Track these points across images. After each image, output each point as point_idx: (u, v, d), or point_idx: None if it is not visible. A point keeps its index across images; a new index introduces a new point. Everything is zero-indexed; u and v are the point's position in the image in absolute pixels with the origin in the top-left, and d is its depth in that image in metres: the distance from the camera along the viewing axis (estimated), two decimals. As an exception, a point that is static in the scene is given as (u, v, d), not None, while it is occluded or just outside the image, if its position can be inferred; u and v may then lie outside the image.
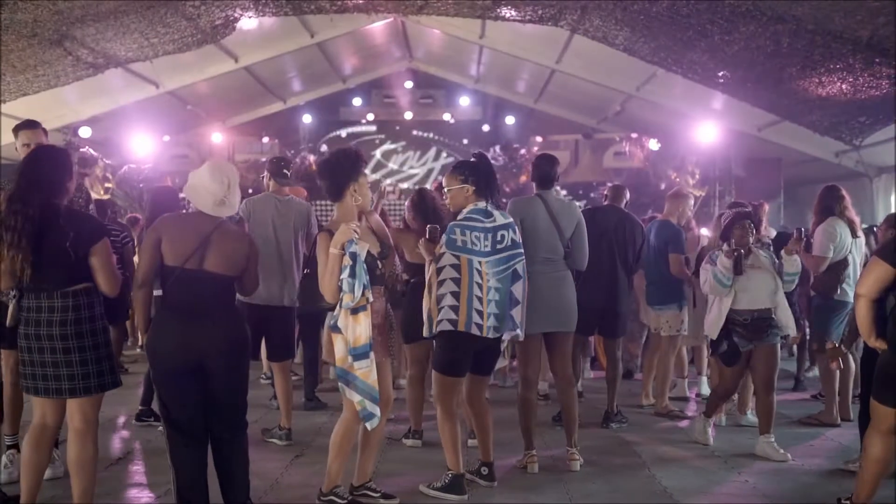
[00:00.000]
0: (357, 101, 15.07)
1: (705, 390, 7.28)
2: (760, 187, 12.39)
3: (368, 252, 4.29)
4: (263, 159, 14.43)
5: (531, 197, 5.49)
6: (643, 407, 7.16)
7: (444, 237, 4.69)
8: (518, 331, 4.79)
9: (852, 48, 8.14)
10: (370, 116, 15.10)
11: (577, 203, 12.48)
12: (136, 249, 7.49)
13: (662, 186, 12.60)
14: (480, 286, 4.62)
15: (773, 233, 8.96)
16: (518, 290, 4.76)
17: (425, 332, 4.70)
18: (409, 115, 15.04)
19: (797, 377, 8.02)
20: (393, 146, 15.41)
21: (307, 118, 14.97)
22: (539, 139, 14.52)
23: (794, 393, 7.89)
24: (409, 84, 15.01)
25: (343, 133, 15.29)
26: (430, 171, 15.23)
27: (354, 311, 4.15)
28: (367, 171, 4.59)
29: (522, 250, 4.84)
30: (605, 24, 10.20)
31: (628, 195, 6.97)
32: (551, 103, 14.66)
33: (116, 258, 4.58)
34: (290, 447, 5.76)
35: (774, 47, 8.76)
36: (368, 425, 4.27)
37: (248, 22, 10.63)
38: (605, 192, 7.14)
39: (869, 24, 7.59)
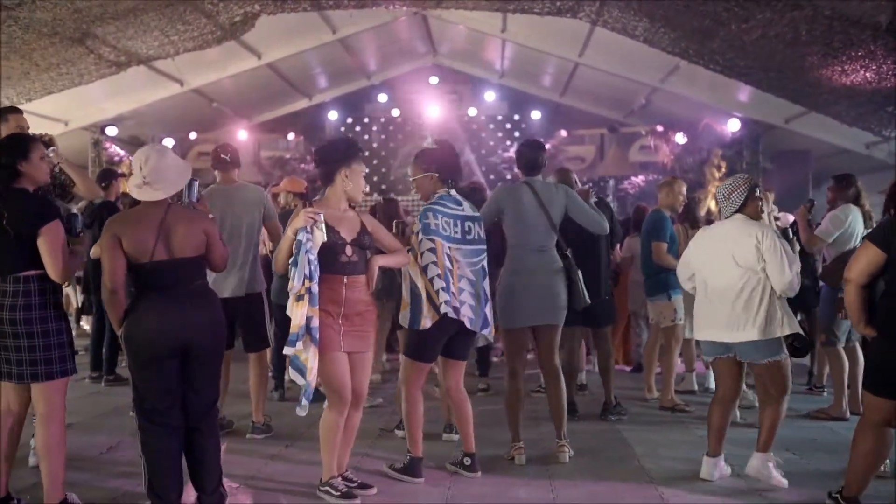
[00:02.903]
0: (382, 98, 15.06)
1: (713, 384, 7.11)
2: (788, 180, 12.16)
3: (338, 237, 4.29)
4: (288, 156, 14.63)
5: (517, 185, 5.38)
6: (647, 401, 7.05)
7: (418, 223, 4.68)
8: (488, 329, 4.85)
9: (872, 34, 7.93)
10: (395, 112, 15.10)
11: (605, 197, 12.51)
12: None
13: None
14: (451, 272, 4.66)
15: (791, 219, 8.79)
16: (486, 286, 4.86)
17: (430, 319, 4.66)
18: (434, 111, 15.00)
19: (811, 371, 7.79)
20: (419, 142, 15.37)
21: (333, 115, 15.03)
22: (564, 133, 14.41)
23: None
24: (434, 80, 14.98)
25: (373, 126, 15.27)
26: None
27: (298, 297, 4.18)
28: (362, 161, 4.56)
29: (486, 247, 4.89)
30: (623, 15, 10.10)
31: (576, 178, 6.73)
32: (576, 97, 14.51)
33: None
34: (273, 438, 5.76)
35: (793, 35, 8.58)
36: (298, 410, 4.25)
37: (269, 18, 10.70)
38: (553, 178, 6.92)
39: (887, 8, 7.39)
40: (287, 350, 4.17)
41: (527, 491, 4.63)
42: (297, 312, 4.16)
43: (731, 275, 4.67)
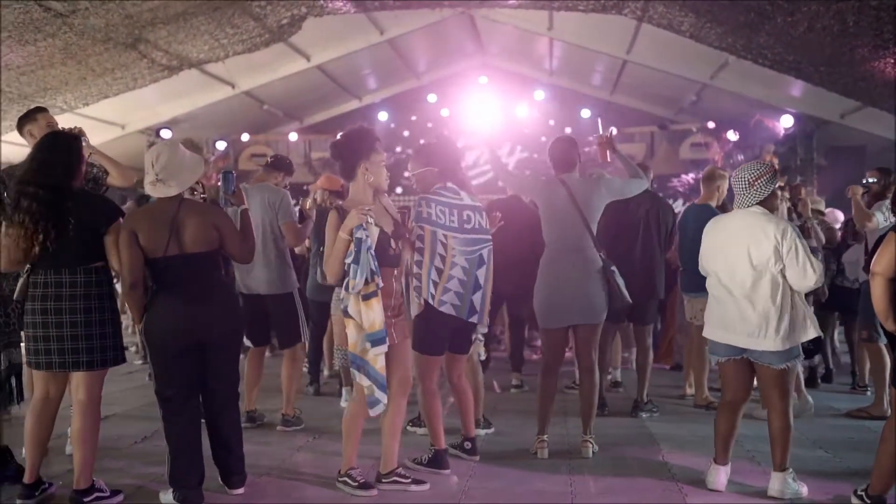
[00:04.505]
0: (432, 98, 15.09)
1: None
2: (843, 176, 11.80)
3: (382, 231, 4.34)
4: (337, 157, 14.80)
5: (552, 180, 5.33)
6: (684, 398, 6.95)
7: (412, 212, 4.75)
8: (475, 318, 4.82)
9: (921, 24, 7.70)
10: (445, 112, 15.12)
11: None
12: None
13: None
14: (443, 258, 4.67)
15: (840, 216, 8.60)
16: (482, 275, 4.81)
17: (415, 309, 4.76)
18: (483, 111, 14.98)
19: (853, 371, 7.57)
20: (467, 142, 15.38)
21: (383, 115, 15.12)
22: (614, 131, 14.23)
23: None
24: (483, 79, 14.97)
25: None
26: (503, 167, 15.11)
27: (366, 296, 4.18)
28: (381, 151, 4.53)
29: (489, 236, 4.88)
30: (669, 10, 9.99)
31: (651, 175, 6.73)
32: (626, 95, 14.40)
33: None
34: (303, 431, 5.84)
35: (840, 27, 8.37)
36: (372, 411, 4.30)
37: (316, 20, 10.87)
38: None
39: (936, -4, 7.17)
40: (378, 349, 4.19)
41: (545, 484, 4.62)
42: (373, 311, 4.17)
43: (746, 274, 4.32)
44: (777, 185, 4.52)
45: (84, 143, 4.50)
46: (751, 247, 4.31)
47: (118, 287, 4.45)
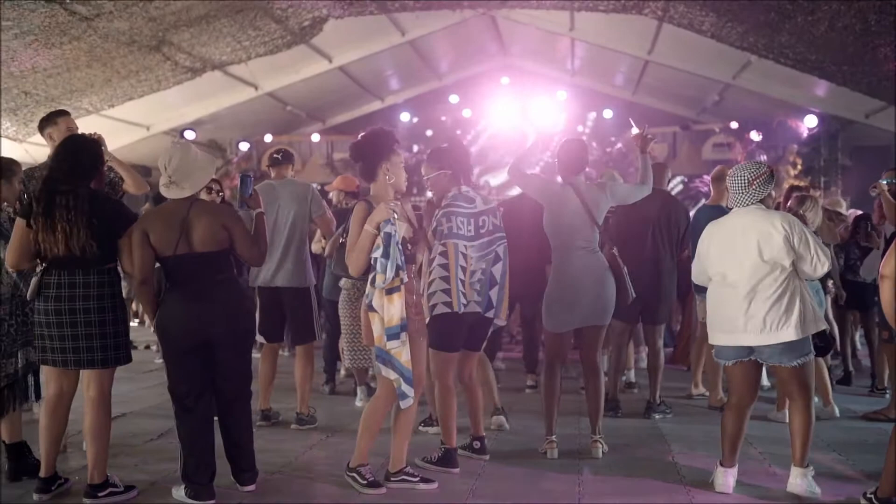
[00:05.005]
0: (454, 99, 15.13)
1: (764, 381, 6.91)
2: (868, 177, 11.66)
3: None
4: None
5: (562, 183, 5.32)
6: (692, 397, 6.92)
7: (433, 227, 4.82)
8: (492, 312, 4.91)
9: (943, 22, 7.63)
10: (467, 113, 15.14)
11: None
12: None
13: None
14: (464, 269, 4.79)
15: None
16: (497, 271, 4.93)
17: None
18: (505, 111, 14.98)
19: (873, 373, 7.49)
20: (490, 143, 15.41)
21: (405, 116, 15.19)
22: (636, 131, 14.17)
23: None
24: (505, 80, 14.99)
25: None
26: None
27: (389, 291, 4.23)
28: (400, 152, 4.61)
29: (504, 233, 4.97)
30: (689, 10, 9.97)
31: (669, 174, 6.71)
32: (649, 95, 14.35)
33: None
34: (316, 430, 5.88)
35: (862, 26, 8.33)
36: (402, 404, 4.35)
37: (338, 22, 10.96)
38: None
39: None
40: (393, 344, 4.23)
41: (553, 484, 4.63)
42: (393, 306, 4.22)
43: (756, 270, 4.26)
44: (773, 187, 4.48)
45: (103, 149, 4.61)
46: (760, 241, 4.27)
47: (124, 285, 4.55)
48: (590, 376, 5.28)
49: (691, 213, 7.06)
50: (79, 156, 4.28)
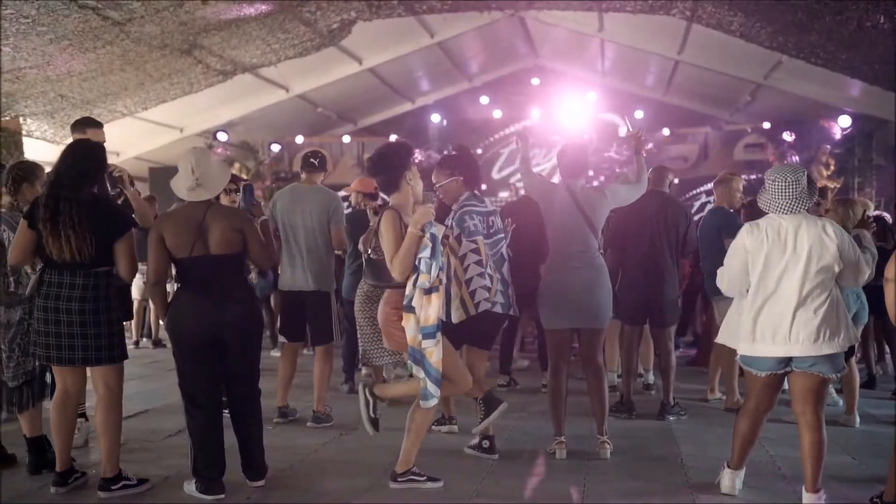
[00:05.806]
0: (484, 100, 15.14)
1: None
2: (903, 177, 11.54)
3: None
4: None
5: (559, 186, 5.37)
6: (708, 401, 6.88)
7: (455, 227, 4.90)
8: (512, 310, 5.11)
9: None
10: (497, 114, 15.14)
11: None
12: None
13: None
14: (486, 265, 4.95)
15: (888, 217, 8.39)
16: (506, 271, 5.09)
17: (457, 317, 4.85)
18: (536, 112, 14.98)
19: (870, 373, 7.39)
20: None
21: (435, 117, 15.23)
22: (666, 132, 14.12)
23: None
24: (535, 81, 14.97)
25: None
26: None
27: (428, 291, 4.28)
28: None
29: (503, 234, 5.17)
30: (717, 10, 9.89)
31: (671, 177, 6.68)
32: (680, 95, 14.25)
33: None
34: (331, 428, 5.96)
35: (891, 24, 8.20)
36: (423, 404, 4.39)
37: (366, 24, 11.06)
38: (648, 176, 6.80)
39: None
40: (428, 343, 4.27)
41: (557, 485, 4.66)
42: (431, 306, 4.25)
43: (808, 279, 4.06)
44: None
45: (125, 178, 4.79)
46: (814, 249, 4.09)
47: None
48: (591, 378, 5.31)
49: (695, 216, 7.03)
50: (84, 162, 4.40)
